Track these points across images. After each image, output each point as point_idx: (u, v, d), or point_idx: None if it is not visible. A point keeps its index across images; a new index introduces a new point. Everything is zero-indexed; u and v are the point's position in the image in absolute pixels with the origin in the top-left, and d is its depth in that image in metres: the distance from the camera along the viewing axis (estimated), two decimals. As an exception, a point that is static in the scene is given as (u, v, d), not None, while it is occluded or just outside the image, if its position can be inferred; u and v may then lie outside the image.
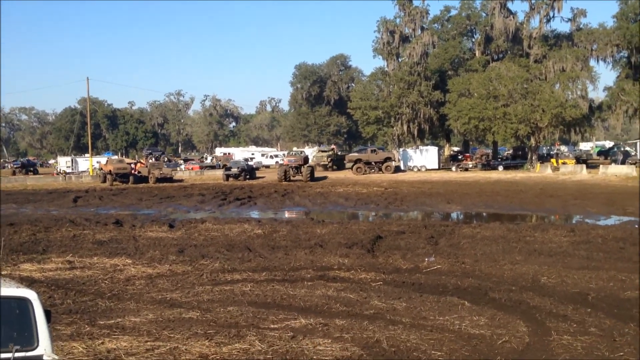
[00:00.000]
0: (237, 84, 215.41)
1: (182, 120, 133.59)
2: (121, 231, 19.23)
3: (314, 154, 64.91)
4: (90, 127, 71.71)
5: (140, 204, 32.98)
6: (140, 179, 50.18)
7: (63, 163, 71.35)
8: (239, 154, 77.21)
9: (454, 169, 58.36)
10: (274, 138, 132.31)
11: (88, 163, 65.00)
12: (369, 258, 14.14)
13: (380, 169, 56.13)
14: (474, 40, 64.23)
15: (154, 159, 67.28)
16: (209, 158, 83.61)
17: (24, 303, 4.40)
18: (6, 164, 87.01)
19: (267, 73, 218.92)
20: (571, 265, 13.01)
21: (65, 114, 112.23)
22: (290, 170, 49.66)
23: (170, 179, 51.01)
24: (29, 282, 11.09)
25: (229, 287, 11.21)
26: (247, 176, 51.96)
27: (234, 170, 52.18)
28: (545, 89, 52.35)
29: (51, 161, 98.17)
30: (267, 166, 69.86)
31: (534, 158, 56.90)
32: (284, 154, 64.99)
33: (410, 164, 59.87)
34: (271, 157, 74.74)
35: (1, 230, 18.48)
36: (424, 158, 59.92)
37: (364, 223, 21.74)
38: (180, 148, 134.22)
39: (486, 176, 49.61)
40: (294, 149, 78.78)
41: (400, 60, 63.57)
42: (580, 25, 58.73)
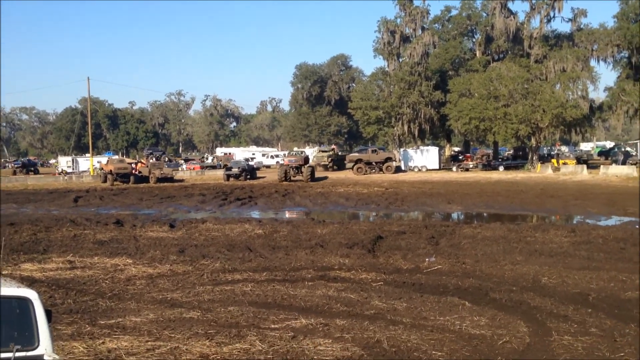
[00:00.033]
0: (238, 84, 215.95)
1: (183, 120, 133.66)
2: (122, 231, 19.24)
3: (314, 154, 64.88)
4: (91, 127, 71.74)
5: (141, 203, 32.97)
6: (140, 178, 50.18)
7: (64, 163, 71.41)
8: (240, 154, 77.29)
9: (454, 169, 58.35)
10: (274, 138, 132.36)
11: (89, 163, 65.07)
12: (369, 258, 14.14)
13: (380, 169, 56.11)
14: (474, 40, 64.23)
15: (154, 159, 67.29)
16: (210, 158, 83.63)
17: (24, 303, 4.40)
18: (7, 164, 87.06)
19: (268, 73, 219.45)
20: (572, 265, 13.00)
21: (66, 113, 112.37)
22: (290, 170, 49.58)
23: (170, 179, 51.03)
24: (30, 282, 11.09)
25: (229, 287, 11.20)
26: (248, 176, 51.97)
27: (235, 170, 52.20)
28: (545, 89, 52.35)
29: (52, 161, 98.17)
30: (268, 166, 69.86)
31: (534, 158, 56.88)
32: (284, 154, 64.97)
33: (410, 164, 59.87)
34: (272, 157, 74.75)
35: (2, 230, 18.49)
36: (425, 158, 59.92)
37: (365, 223, 21.73)
38: (181, 148, 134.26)
39: (487, 176, 49.59)
40: (295, 149, 78.76)
41: (400, 60, 63.59)
42: (581, 26, 58.76)
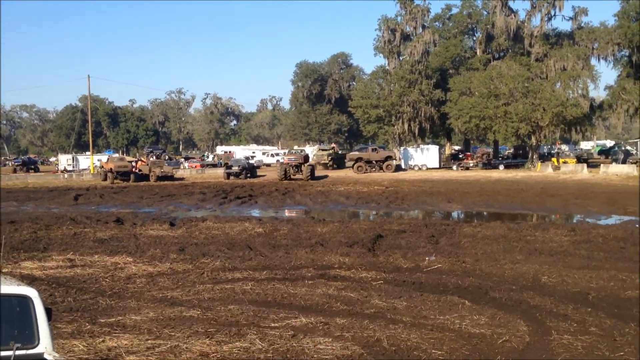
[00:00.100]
0: (238, 82, 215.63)
1: (183, 119, 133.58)
2: (122, 229, 19.25)
3: (314, 153, 64.85)
4: (91, 125, 71.74)
5: (141, 202, 32.98)
6: (141, 177, 50.19)
7: (64, 161, 71.33)
8: (240, 152, 77.29)
9: (454, 167, 58.34)
10: (274, 136, 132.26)
11: (89, 161, 65.06)
12: (369, 257, 14.14)
13: (381, 168, 56.08)
14: (475, 38, 64.16)
15: (154, 157, 67.39)
16: (210, 156, 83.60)
17: (24, 301, 4.40)
18: (7, 162, 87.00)
19: (268, 72, 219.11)
20: (572, 264, 13.00)
21: (66, 111, 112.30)
22: (290, 168, 49.52)
23: (171, 177, 51.02)
24: (30, 280, 11.10)
25: (229, 286, 11.21)
26: (248, 174, 51.97)
27: (235, 168, 52.21)
28: (546, 88, 52.31)
29: (52, 159, 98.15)
30: (268, 165, 69.83)
31: (534, 157, 56.85)
32: (284, 153, 64.94)
33: (411, 162, 59.86)
34: (272, 156, 74.73)
35: (2, 228, 18.50)
36: (425, 157, 59.90)
37: (365, 222, 21.74)
38: (181, 146, 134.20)
39: (487, 175, 49.57)
40: (295, 147, 78.76)
41: (401, 58, 63.55)
42: (582, 24, 58.68)
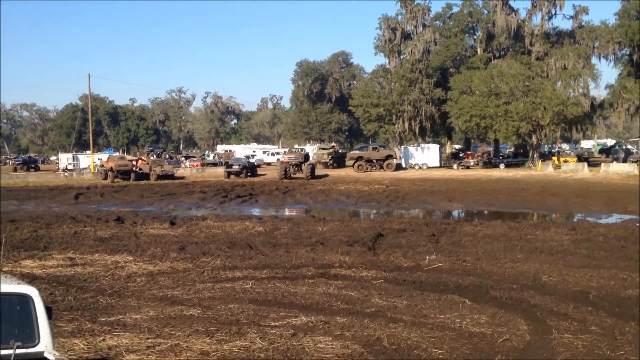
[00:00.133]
0: (238, 81, 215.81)
1: (184, 117, 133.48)
2: (122, 228, 19.26)
3: (314, 152, 64.83)
4: (91, 124, 71.75)
5: (142, 201, 32.99)
6: (141, 176, 50.20)
7: (64, 160, 71.37)
8: (241, 151, 77.29)
9: (455, 166, 58.30)
10: (275, 135, 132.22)
11: (89, 160, 65.09)
12: (370, 256, 14.14)
13: (381, 167, 56.06)
14: (475, 37, 64.12)
15: (155, 156, 67.38)
16: (211, 155, 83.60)
17: (25, 299, 4.41)
18: (7, 161, 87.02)
19: (268, 71, 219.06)
20: (572, 263, 13.00)
21: (67, 110, 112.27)
22: (290, 167, 49.50)
23: (171, 176, 51.06)
24: (30, 279, 11.11)
25: (230, 285, 11.21)
26: (249, 173, 51.95)
27: (235, 167, 52.20)
28: (546, 87, 52.27)
29: (52, 158, 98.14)
30: (269, 163, 69.76)
31: (535, 156, 56.81)
32: (285, 152, 64.92)
33: (411, 161, 59.84)
34: (272, 155, 74.67)
35: (2, 227, 18.50)
36: (426, 156, 59.90)
37: (365, 221, 21.74)
38: (181, 145, 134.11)
39: (487, 174, 49.54)
40: (295, 146, 78.73)
41: (401, 57, 63.53)
42: (582, 23, 58.60)
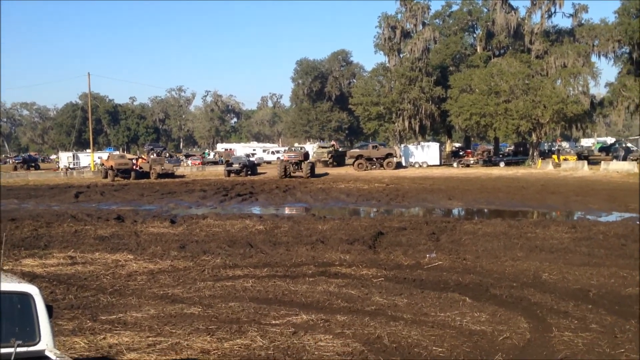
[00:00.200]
0: (238, 80, 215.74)
1: (184, 116, 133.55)
2: (123, 227, 19.25)
3: (314, 150, 64.81)
4: (91, 123, 71.68)
5: (142, 199, 32.99)
6: (141, 174, 50.18)
7: (65, 158, 71.35)
8: (241, 149, 77.33)
9: (455, 165, 58.26)
10: (275, 134, 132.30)
11: (89, 158, 65.08)
12: (370, 254, 14.14)
13: (381, 165, 56.03)
14: (475, 35, 64.05)
15: (155, 155, 67.35)
16: (211, 154, 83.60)
17: (25, 298, 4.41)
18: (8, 159, 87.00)
19: (268, 69, 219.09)
20: (572, 261, 13.01)
21: (67, 109, 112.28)
22: (290, 166, 49.45)
23: (171, 175, 51.03)
24: (31, 278, 11.12)
25: (230, 283, 11.21)
26: (249, 172, 51.94)
27: (236, 166, 52.18)
28: (546, 85, 52.25)
29: (52, 156, 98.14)
30: (269, 162, 69.79)
31: (535, 154, 56.80)
32: (285, 150, 64.90)
33: (411, 160, 59.84)
34: (272, 153, 74.69)
35: (3, 226, 18.50)
36: (425, 154, 59.89)
37: (366, 219, 21.75)
38: (181, 144, 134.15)
39: (487, 172, 49.53)
40: (295, 144, 78.72)
41: (401, 55, 63.47)
42: (582, 21, 58.59)
